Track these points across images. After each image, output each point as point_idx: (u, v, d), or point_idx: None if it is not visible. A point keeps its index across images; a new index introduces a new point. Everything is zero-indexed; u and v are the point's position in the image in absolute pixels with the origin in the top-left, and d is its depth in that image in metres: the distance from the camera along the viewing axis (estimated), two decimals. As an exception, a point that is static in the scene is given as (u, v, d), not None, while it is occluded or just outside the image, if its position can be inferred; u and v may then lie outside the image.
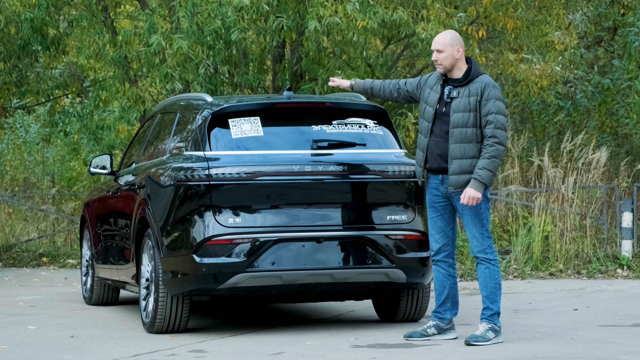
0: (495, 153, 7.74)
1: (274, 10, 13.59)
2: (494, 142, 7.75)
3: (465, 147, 7.84)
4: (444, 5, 14.12)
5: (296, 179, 8.43)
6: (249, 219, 8.37)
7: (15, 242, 17.70)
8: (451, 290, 8.17)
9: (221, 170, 8.36)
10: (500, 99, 7.83)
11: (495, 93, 7.82)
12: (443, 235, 8.12)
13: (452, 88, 7.96)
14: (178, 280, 8.42)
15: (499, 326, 7.94)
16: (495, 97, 7.81)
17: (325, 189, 8.51)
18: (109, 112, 19.36)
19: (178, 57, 13.67)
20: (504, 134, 7.79)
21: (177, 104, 9.71)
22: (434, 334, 8.14)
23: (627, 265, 13.65)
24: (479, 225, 7.91)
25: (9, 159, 22.53)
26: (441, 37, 8.01)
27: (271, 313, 10.34)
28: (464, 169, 7.85)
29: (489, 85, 7.84)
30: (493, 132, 7.76)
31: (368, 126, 8.90)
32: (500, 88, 7.92)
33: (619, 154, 16.69)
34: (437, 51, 7.95)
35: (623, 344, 7.82)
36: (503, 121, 7.78)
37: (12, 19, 15.45)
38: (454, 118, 7.88)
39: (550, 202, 14.46)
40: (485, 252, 7.93)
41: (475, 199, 7.76)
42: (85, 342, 8.35)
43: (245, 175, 8.36)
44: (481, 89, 7.84)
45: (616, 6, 18.75)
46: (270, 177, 8.39)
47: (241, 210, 8.37)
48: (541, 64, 15.08)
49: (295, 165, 8.43)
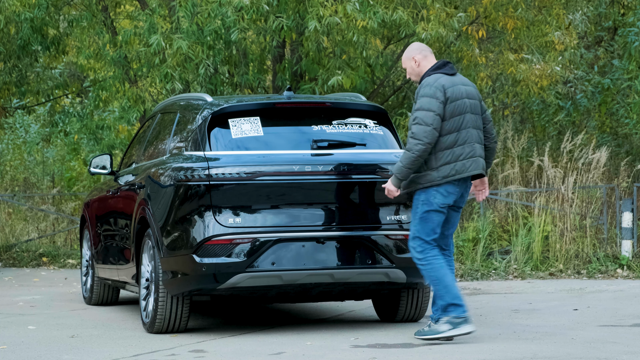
0: (408, 147, 7.87)
1: (274, 10, 13.58)
2: (409, 137, 7.89)
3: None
4: (444, 5, 14.12)
5: (296, 179, 8.43)
6: (249, 219, 8.36)
7: (15, 242, 17.70)
8: None
9: (221, 170, 8.35)
10: (427, 95, 7.87)
11: (423, 91, 7.91)
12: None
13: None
14: (178, 280, 8.42)
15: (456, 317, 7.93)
16: (422, 94, 7.91)
17: (325, 189, 8.51)
18: (109, 112, 19.36)
19: (178, 57, 13.67)
20: (421, 128, 7.81)
21: (177, 104, 9.71)
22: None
23: (627, 265, 13.65)
24: (415, 222, 8.02)
25: (9, 159, 22.53)
26: (404, 56, 8.25)
27: (271, 313, 10.34)
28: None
29: (422, 85, 7.97)
30: (410, 128, 7.90)
31: (368, 126, 8.90)
32: (433, 85, 7.91)
33: (619, 154, 16.69)
34: (404, 68, 8.31)
35: (623, 344, 7.82)
36: (421, 116, 7.83)
37: (12, 19, 15.45)
38: None
39: (550, 202, 14.46)
40: (413, 249, 8.04)
41: (388, 191, 8.01)
42: (85, 342, 8.35)
43: (245, 175, 8.36)
44: (418, 90, 8.01)
45: (616, 6, 18.75)
46: (270, 177, 8.39)
47: (241, 210, 8.37)
48: (541, 64, 15.08)
49: (296, 165, 8.43)
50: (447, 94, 7.91)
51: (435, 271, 7.99)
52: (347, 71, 14.03)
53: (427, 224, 7.98)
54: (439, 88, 7.89)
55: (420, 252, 8.01)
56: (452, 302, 7.93)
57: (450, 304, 7.93)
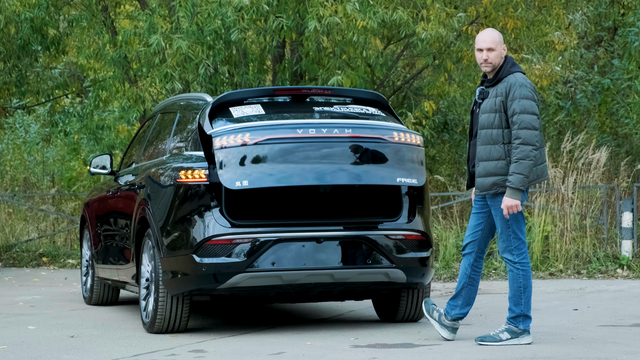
0: (521, 155, 7.57)
1: (274, 10, 13.59)
2: (519, 144, 7.58)
3: (490, 149, 7.73)
4: (444, 5, 14.12)
5: (299, 143, 8.24)
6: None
7: (15, 242, 17.70)
8: (465, 289, 8.04)
9: (226, 142, 8.26)
10: (527, 97, 7.63)
11: (521, 92, 7.63)
12: (472, 233, 8.02)
13: (483, 89, 7.88)
14: (178, 280, 8.42)
15: (521, 328, 7.83)
16: (520, 96, 7.62)
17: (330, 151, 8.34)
18: (109, 112, 19.36)
19: (178, 57, 13.67)
20: (530, 133, 7.58)
21: (177, 104, 9.72)
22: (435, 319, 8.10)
23: (627, 265, 13.65)
24: (505, 227, 7.80)
25: (9, 159, 22.54)
26: (490, 35, 7.84)
27: (271, 313, 10.34)
28: (489, 171, 7.75)
29: (515, 84, 7.67)
30: (517, 134, 7.60)
31: (370, 110, 8.88)
32: (531, 85, 7.71)
33: (619, 154, 16.69)
34: (487, 50, 7.77)
35: (623, 344, 7.82)
36: (529, 120, 7.58)
37: (12, 19, 15.45)
38: (481, 119, 7.79)
39: (550, 202, 14.46)
40: (510, 253, 7.83)
41: (513, 208, 7.63)
42: (85, 342, 8.35)
43: (250, 140, 8.25)
44: (507, 88, 7.69)
45: (616, 6, 18.75)
46: (276, 140, 8.19)
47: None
48: (541, 64, 15.08)
49: (300, 129, 8.31)
50: None
51: (527, 279, 7.85)
52: (347, 71, 14.03)
53: (519, 222, 7.80)
54: (534, 90, 7.72)
55: (518, 254, 7.81)
56: (526, 313, 7.87)
57: (524, 314, 7.86)
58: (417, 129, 15.14)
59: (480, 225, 8.00)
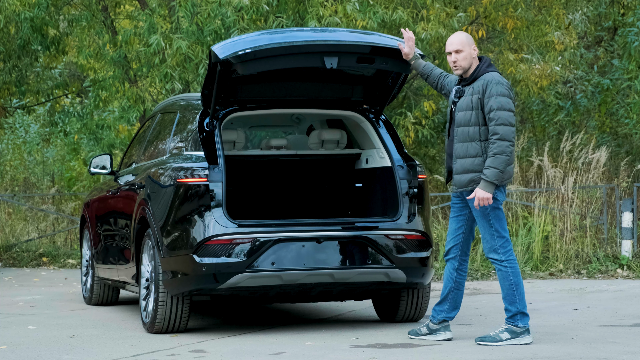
0: (498, 150, 7.63)
1: (274, 10, 13.59)
2: (496, 139, 7.64)
3: (467, 146, 7.79)
4: (443, 5, 14.12)
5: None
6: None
7: (15, 242, 17.70)
8: (451, 293, 8.08)
9: None
10: (503, 94, 7.69)
11: (498, 89, 7.70)
12: (454, 237, 8.04)
13: (459, 88, 7.92)
14: (178, 280, 8.42)
15: (520, 326, 7.84)
16: (497, 93, 7.69)
17: None
18: (109, 112, 19.37)
19: (178, 57, 13.67)
20: (507, 129, 7.66)
21: (177, 104, 9.72)
22: (425, 333, 8.12)
23: (627, 265, 13.65)
24: (487, 226, 7.83)
25: (9, 159, 22.54)
26: (458, 38, 7.92)
27: (271, 313, 10.34)
28: (466, 168, 7.81)
29: (492, 82, 7.74)
30: (494, 129, 7.66)
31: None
32: (507, 84, 7.78)
33: (619, 154, 16.70)
34: (455, 52, 7.85)
35: (623, 344, 7.82)
36: (506, 116, 7.66)
37: (12, 19, 15.46)
38: (457, 117, 7.85)
39: (550, 202, 14.46)
40: (496, 252, 7.85)
41: (485, 200, 7.67)
42: (85, 342, 8.35)
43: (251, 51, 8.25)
44: (483, 86, 7.75)
45: (616, 6, 18.75)
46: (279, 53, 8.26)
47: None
48: (541, 64, 15.09)
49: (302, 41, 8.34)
50: None
51: (516, 276, 7.86)
52: (347, 71, 14.02)
53: (501, 221, 7.83)
54: (510, 88, 7.78)
55: (504, 252, 7.83)
56: (522, 310, 7.87)
57: (520, 312, 7.86)
58: (417, 129, 15.15)
59: (460, 228, 8.04)
